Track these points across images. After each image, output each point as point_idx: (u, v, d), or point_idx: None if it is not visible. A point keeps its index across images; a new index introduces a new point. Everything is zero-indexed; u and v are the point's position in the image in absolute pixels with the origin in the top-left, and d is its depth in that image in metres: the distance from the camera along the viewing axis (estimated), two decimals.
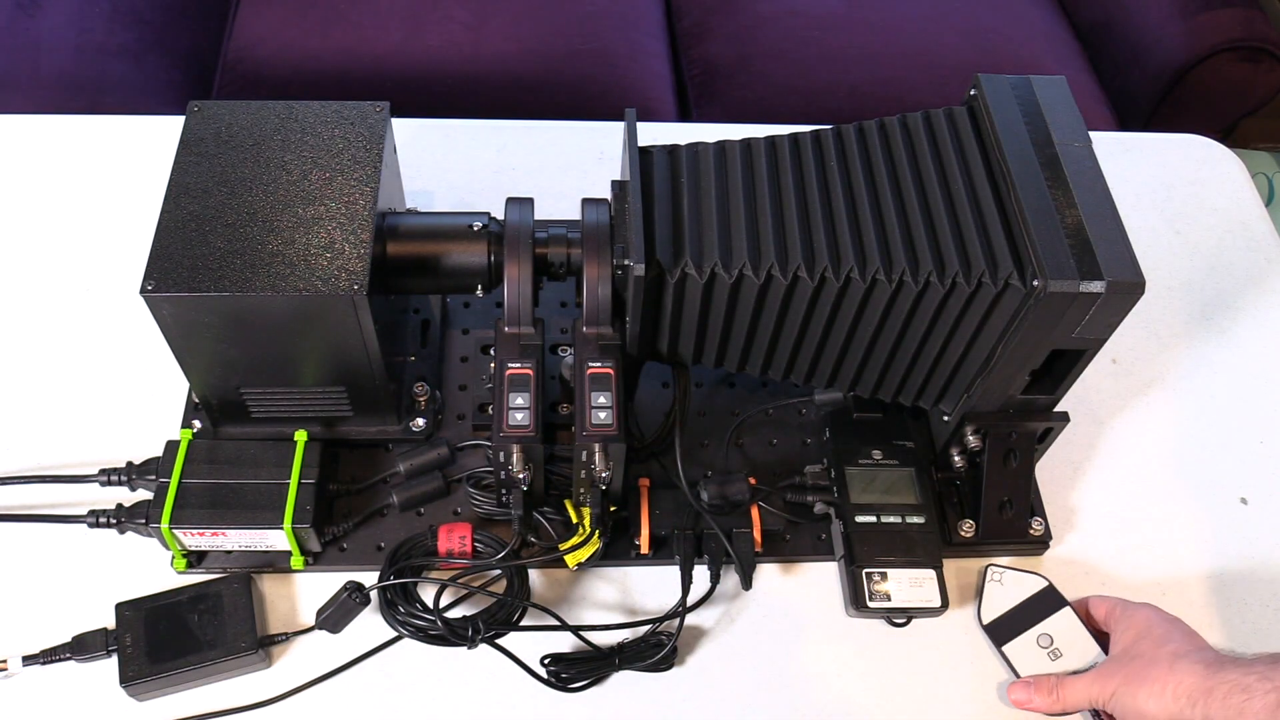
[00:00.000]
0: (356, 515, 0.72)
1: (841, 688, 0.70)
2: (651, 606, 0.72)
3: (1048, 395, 0.69)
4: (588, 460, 0.65)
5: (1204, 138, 1.04)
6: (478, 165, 0.95)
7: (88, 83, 1.29)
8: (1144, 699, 0.61)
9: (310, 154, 0.67)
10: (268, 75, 1.33)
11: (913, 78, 1.41)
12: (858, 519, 0.71)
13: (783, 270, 0.62)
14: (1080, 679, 0.66)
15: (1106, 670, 0.65)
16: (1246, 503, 0.80)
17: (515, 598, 0.67)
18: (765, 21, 1.45)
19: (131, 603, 0.66)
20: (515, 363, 0.66)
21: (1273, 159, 1.90)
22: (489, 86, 1.34)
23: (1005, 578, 0.72)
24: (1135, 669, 0.63)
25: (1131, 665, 0.63)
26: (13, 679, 0.66)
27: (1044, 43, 1.50)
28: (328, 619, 0.66)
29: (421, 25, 1.38)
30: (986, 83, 0.68)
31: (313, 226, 0.64)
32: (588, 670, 0.68)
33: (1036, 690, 0.67)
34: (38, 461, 0.75)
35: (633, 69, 1.39)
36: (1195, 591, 0.75)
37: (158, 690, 0.65)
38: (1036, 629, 0.70)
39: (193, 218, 0.64)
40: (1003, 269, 0.61)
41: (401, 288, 0.70)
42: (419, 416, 0.75)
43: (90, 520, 0.69)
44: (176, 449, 0.68)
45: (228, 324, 0.63)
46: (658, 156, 0.68)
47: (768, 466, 0.77)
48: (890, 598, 0.69)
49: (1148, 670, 0.62)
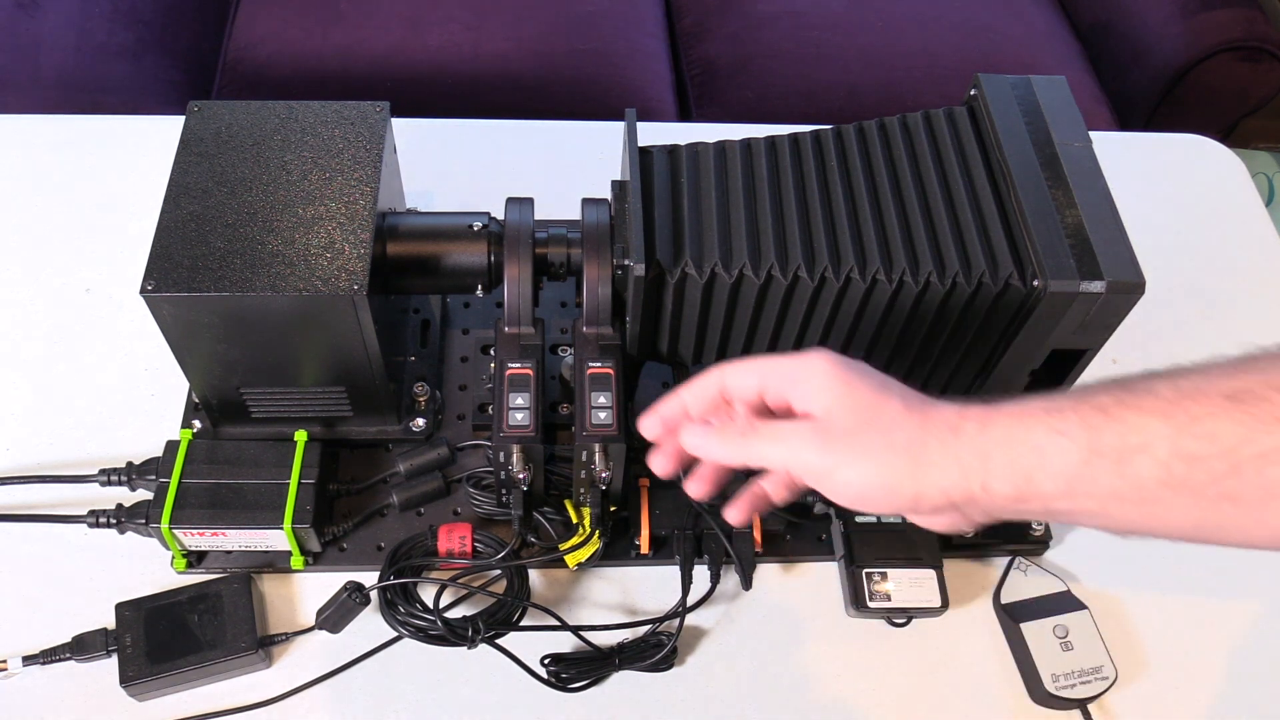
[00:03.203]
0: (356, 515, 0.72)
1: (841, 688, 0.70)
2: (651, 606, 0.72)
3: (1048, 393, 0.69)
4: (588, 460, 0.65)
5: (1204, 138, 1.04)
6: (478, 165, 0.95)
7: (88, 83, 1.29)
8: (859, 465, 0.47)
9: (310, 154, 0.67)
10: (268, 75, 1.33)
11: (913, 78, 1.41)
12: (858, 519, 0.71)
13: (783, 270, 0.62)
14: (783, 434, 0.49)
15: (817, 437, 0.48)
16: None
17: (515, 598, 0.67)
18: (765, 21, 1.45)
19: (131, 603, 0.66)
20: (515, 363, 0.66)
21: (1273, 159, 1.90)
22: (489, 86, 1.34)
23: (1030, 570, 0.73)
24: (844, 435, 0.48)
25: (840, 431, 0.48)
26: (13, 679, 0.66)
27: (1044, 43, 1.50)
28: (328, 619, 0.66)
29: (421, 25, 1.38)
30: (986, 83, 0.68)
31: (313, 226, 0.64)
32: (588, 670, 0.68)
33: (724, 431, 0.52)
34: (38, 461, 0.75)
35: (633, 69, 1.39)
36: (1195, 591, 0.75)
37: (158, 690, 0.65)
38: (1053, 619, 0.70)
39: (193, 218, 0.64)
40: (1003, 269, 0.61)
41: (401, 288, 0.70)
42: (419, 416, 0.75)
43: (90, 520, 0.69)
44: (176, 449, 0.68)
45: (228, 324, 0.63)
46: (658, 156, 0.68)
47: None
48: (890, 598, 0.69)
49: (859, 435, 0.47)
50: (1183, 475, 0.41)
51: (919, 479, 0.46)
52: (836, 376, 0.48)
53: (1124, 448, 0.42)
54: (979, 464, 0.44)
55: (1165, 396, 0.42)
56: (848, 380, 0.48)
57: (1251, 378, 0.41)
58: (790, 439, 0.48)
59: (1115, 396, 0.43)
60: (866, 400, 0.47)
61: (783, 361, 0.50)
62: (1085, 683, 0.68)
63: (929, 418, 0.46)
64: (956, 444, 0.45)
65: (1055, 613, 0.71)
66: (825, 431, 0.48)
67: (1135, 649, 0.72)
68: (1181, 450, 0.41)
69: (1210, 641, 0.73)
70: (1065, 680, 0.68)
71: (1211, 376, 0.42)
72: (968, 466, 0.45)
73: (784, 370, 0.50)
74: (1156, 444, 0.41)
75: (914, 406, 0.47)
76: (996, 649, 0.71)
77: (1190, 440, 0.41)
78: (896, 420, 0.47)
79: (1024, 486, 0.44)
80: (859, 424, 0.47)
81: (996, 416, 0.45)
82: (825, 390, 0.48)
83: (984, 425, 0.45)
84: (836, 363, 0.49)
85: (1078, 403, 0.43)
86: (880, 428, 0.47)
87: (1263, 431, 0.39)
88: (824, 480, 0.48)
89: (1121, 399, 0.42)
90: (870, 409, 0.47)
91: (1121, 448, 0.42)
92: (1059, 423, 0.43)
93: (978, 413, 0.46)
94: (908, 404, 0.47)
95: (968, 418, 0.46)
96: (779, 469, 0.51)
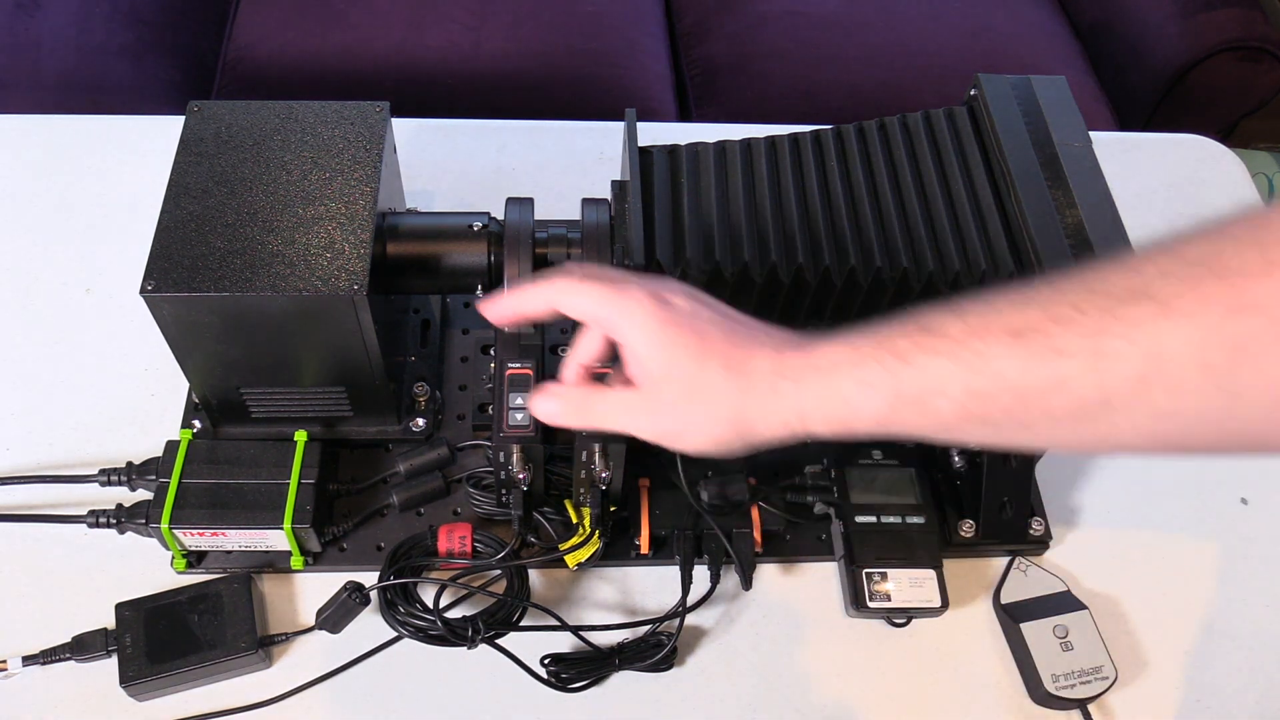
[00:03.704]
0: (356, 515, 0.72)
1: (841, 688, 0.70)
2: (651, 606, 0.72)
3: None
4: (588, 460, 0.65)
5: (1204, 138, 1.04)
6: (478, 165, 0.95)
7: (88, 83, 1.29)
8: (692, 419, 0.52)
9: (310, 154, 0.67)
10: (268, 75, 1.33)
11: (913, 78, 1.41)
12: (858, 519, 0.71)
13: (784, 270, 0.62)
14: (616, 401, 0.54)
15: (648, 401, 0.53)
16: (1246, 503, 0.80)
17: (515, 598, 0.67)
18: (765, 21, 1.45)
19: (131, 603, 0.66)
20: (515, 363, 0.66)
21: (1273, 159, 1.90)
22: (489, 86, 1.34)
23: (1030, 571, 0.73)
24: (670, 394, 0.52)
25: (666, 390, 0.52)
26: (13, 679, 0.66)
27: (1044, 43, 1.50)
28: (328, 619, 0.66)
29: (421, 25, 1.38)
30: (986, 83, 0.68)
31: (313, 226, 0.64)
32: (588, 670, 0.68)
33: (563, 400, 0.56)
34: (38, 461, 0.75)
35: (633, 69, 1.39)
36: (1195, 591, 0.75)
37: (158, 690, 0.65)
38: (1053, 619, 0.70)
39: (193, 218, 0.64)
40: (1003, 269, 0.61)
41: (401, 288, 0.70)
42: (419, 416, 0.75)
43: (90, 520, 0.69)
44: (176, 449, 0.68)
45: (228, 324, 0.63)
46: (658, 156, 0.68)
47: (768, 466, 0.77)
48: (890, 598, 0.69)
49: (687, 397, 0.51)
50: (978, 411, 0.45)
51: (748, 437, 0.51)
52: (656, 342, 0.52)
53: (922, 391, 0.46)
54: (798, 418, 0.49)
55: (955, 336, 0.45)
56: (667, 346, 0.51)
57: (1033, 311, 0.43)
58: (624, 416, 0.54)
59: (912, 340, 0.46)
60: (688, 371, 0.51)
61: (605, 305, 0.53)
62: (1085, 683, 0.68)
63: (749, 381, 0.50)
64: (776, 403, 0.50)
65: (1055, 613, 0.71)
66: (654, 407, 0.53)
67: (1135, 649, 0.72)
68: (972, 389, 0.44)
69: (1210, 641, 0.73)
70: (1065, 680, 0.68)
71: (999, 310, 0.45)
72: (789, 421, 0.50)
73: (606, 318, 0.53)
74: (950, 385, 0.45)
75: (734, 367, 0.51)
76: (996, 649, 0.71)
77: (979, 379, 0.44)
78: (718, 390, 0.51)
79: (841, 428, 0.49)
80: (683, 396, 0.52)
81: (809, 372, 0.49)
82: (649, 357, 0.52)
83: (799, 382, 0.49)
84: (655, 321, 0.52)
85: (879, 347, 0.47)
86: (703, 399, 0.51)
87: (1043, 364, 0.42)
88: (662, 443, 0.54)
89: (918, 342, 0.46)
90: (692, 380, 0.51)
91: (920, 391, 0.46)
92: (864, 374, 0.47)
93: (794, 365, 0.49)
94: (728, 365, 0.51)
95: (784, 374, 0.49)
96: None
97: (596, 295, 0.53)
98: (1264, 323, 0.39)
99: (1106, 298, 0.42)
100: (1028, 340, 0.43)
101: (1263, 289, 0.39)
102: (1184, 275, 0.41)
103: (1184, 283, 0.41)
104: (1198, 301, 0.40)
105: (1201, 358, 0.40)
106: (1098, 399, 0.42)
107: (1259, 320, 0.39)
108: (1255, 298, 0.39)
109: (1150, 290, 0.41)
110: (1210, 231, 0.42)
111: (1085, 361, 0.42)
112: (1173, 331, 0.40)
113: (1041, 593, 0.72)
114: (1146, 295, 0.41)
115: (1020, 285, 0.45)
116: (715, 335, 0.51)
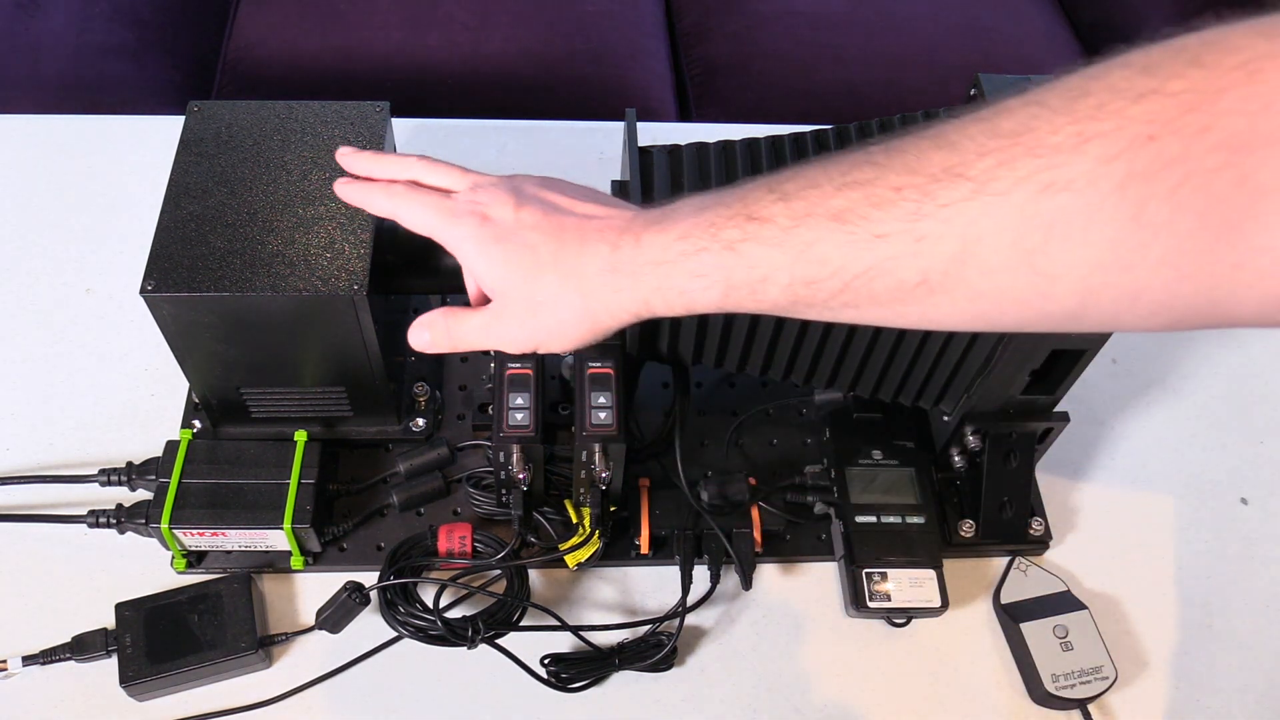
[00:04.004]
0: (356, 515, 0.72)
1: (841, 688, 0.70)
2: (651, 606, 0.72)
3: (1048, 395, 0.69)
4: (588, 460, 0.65)
5: None
6: (478, 165, 0.94)
7: (88, 83, 1.29)
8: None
9: (310, 154, 0.67)
10: (268, 75, 1.33)
11: (913, 78, 1.41)
12: (858, 519, 0.71)
13: None
14: (476, 322, 0.58)
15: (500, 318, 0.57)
16: (1246, 503, 0.80)
17: (515, 598, 0.67)
18: (765, 21, 1.45)
19: (131, 603, 0.66)
20: (515, 363, 0.66)
21: None
22: (489, 86, 1.34)
23: (1030, 571, 0.73)
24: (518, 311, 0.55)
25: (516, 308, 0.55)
26: (13, 679, 0.66)
27: (1044, 43, 1.50)
28: (328, 619, 0.66)
29: (421, 25, 1.38)
30: (987, 83, 0.68)
31: (313, 226, 0.64)
32: (588, 670, 0.68)
33: (432, 329, 0.60)
34: (38, 461, 0.75)
35: (633, 69, 1.39)
36: (1195, 591, 0.75)
37: (158, 690, 0.65)
38: (1053, 619, 0.70)
39: (193, 218, 0.64)
40: None
41: (401, 288, 0.70)
42: (419, 416, 0.75)
43: (90, 520, 0.69)
44: (176, 449, 0.68)
45: (228, 324, 0.63)
46: (658, 156, 0.68)
47: (768, 466, 0.77)
48: (890, 598, 0.69)
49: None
50: (806, 295, 0.47)
51: (600, 330, 0.54)
52: (487, 262, 0.54)
53: (753, 280, 0.48)
54: (642, 306, 0.52)
55: (782, 225, 0.46)
56: (499, 264, 0.54)
57: (854, 193, 0.44)
58: (483, 335, 0.57)
59: (742, 229, 0.47)
60: (525, 287, 0.54)
61: (437, 225, 0.56)
62: (1085, 683, 0.68)
63: (587, 284, 0.52)
64: (617, 298, 0.52)
65: (1055, 613, 0.71)
66: (506, 323, 0.56)
67: (1135, 649, 0.72)
68: (799, 276, 0.46)
69: (1210, 641, 0.73)
70: (1065, 680, 0.68)
71: (824, 191, 0.45)
72: (634, 310, 0.52)
73: (442, 239, 0.56)
74: (778, 273, 0.47)
75: (568, 274, 0.52)
76: (996, 649, 0.72)
77: (805, 266, 0.46)
78: (558, 299, 0.53)
79: (683, 311, 0.51)
80: (528, 311, 0.55)
81: (644, 267, 0.51)
82: (485, 276, 0.55)
83: (635, 277, 0.51)
84: (482, 242, 0.54)
85: (711, 236, 0.48)
86: (547, 310, 0.54)
87: (864, 249, 0.44)
88: (528, 351, 0.57)
89: (746, 231, 0.47)
90: (531, 295, 0.54)
91: (750, 280, 0.48)
92: (696, 266, 0.49)
93: (628, 261, 0.51)
94: (561, 274, 0.53)
95: (620, 271, 0.51)
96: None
97: (430, 213, 0.56)
98: (1075, 200, 0.38)
99: (925, 177, 0.42)
100: (850, 224, 0.44)
101: (1074, 165, 0.38)
102: (998, 151, 0.40)
103: (998, 160, 0.40)
104: (1011, 181, 0.40)
105: (1014, 239, 0.40)
106: (917, 281, 0.43)
107: (1069, 198, 0.38)
108: (1067, 174, 0.38)
109: (966, 169, 0.41)
110: (1030, 98, 0.41)
111: (904, 245, 0.43)
112: (985, 213, 0.40)
113: (1041, 593, 0.72)
114: (962, 175, 0.41)
115: (847, 153, 0.46)
116: (544, 244, 0.53)
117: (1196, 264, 0.37)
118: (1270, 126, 0.34)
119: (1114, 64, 0.39)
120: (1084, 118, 0.38)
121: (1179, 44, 0.38)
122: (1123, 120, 0.37)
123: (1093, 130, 0.38)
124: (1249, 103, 0.35)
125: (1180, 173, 0.36)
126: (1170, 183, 0.36)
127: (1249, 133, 0.35)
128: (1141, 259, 0.38)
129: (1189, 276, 0.38)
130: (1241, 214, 0.36)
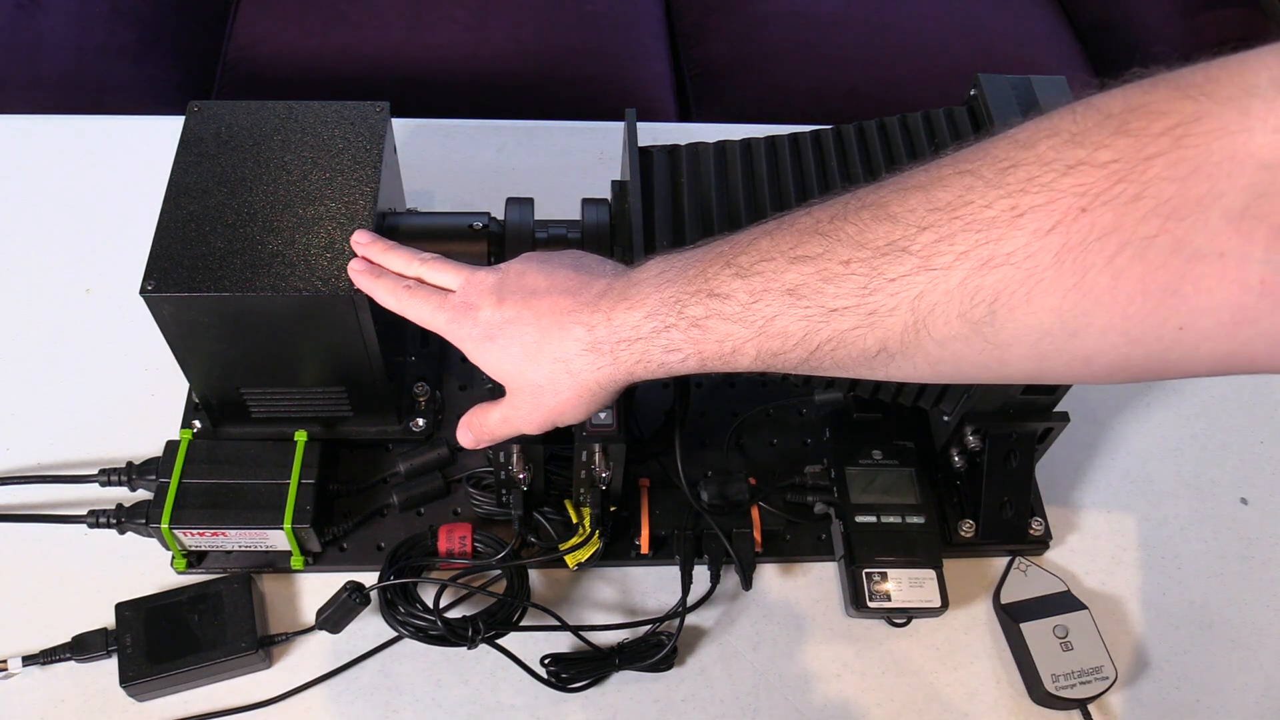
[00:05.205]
0: (356, 515, 0.72)
1: (841, 688, 0.70)
2: (651, 606, 0.72)
3: (1048, 395, 0.69)
4: (588, 460, 0.65)
5: None
6: (478, 165, 0.95)
7: (88, 83, 1.29)
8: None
9: (310, 154, 0.67)
10: (268, 75, 1.33)
11: (913, 78, 1.41)
12: (858, 519, 0.71)
13: None
14: (498, 415, 0.60)
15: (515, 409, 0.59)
16: (1246, 503, 0.80)
17: (515, 598, 0.67)
18: (765, 21, 1.45)
19: (131, 603, 0.66)
20: None
21: None
22: (489, 86, 1.34)
23: (1030, 570, 0.73)
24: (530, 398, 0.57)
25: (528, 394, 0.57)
26: (13, 679, 0.66)
27: (1044, 43, 1.50)
28: (328, 619, 0.66)
29: (421, 25, 1.38)
30: (986, 82, 0.68)
31: (313, 226, 0.64)
32: (588, 670, 0.68)
33: (471, 430, 0.62)
34: (38, 461, 0.75)
35: (633, 69, 1.39)
36: (1195, 591, 0.75)
37: (158, 690, 0.65)
38: (1053, 619, 0.70)
39: (193, 218, 0.64)
40: None
41: None
42: (419, 416, 0.75)
43: (90, 520, 0.69)
44: (176, 449, 0.68)
45: (228, 324, 0.63)
46: (658, 156, 0.68)
47: (768, 466, 0.77)
48: (890, 598, 0.69)
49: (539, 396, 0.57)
50: (775, 363, 0.49)
51: (604, 398, 0.56)
52: (483, 360, 0.57)
53: (723, 352, 0.50)
54: (629, 376, 0.53)
55: (741, 300, 0.48)
56: (494, 360, 0.57)
57: (806, 269, 0.46)
58: (506, 425, 0.59)
59: (705, 306, 0.49)
60: (521, 378, 0.56)
61: (433, 324, 0.59)
62: (1085, 683, 0.68)
63: (573, 367, 0.54)
64: (605, 373, 0.53)
65: (1055, 613, 0.71)
66: (519, 410, 0.58)
67: (1135, 649, 0.72)
68: (765, 349, 0.48)
69: (1210, 641, 0.73)
70: (1065, 680, 0.68)
71: (777, 265, 0.47)
72: (623, 380, 0.54)
73: (448, 337, 0.59)
74: (746, 346, 0.49)
75: (556, 361, 0.54)
76: (996, 649, 0.72)
77: (769, 340, 0.48)
78: (553, 383, 0.55)
79: (667, 376, 0.53)
80: (532, 396, 0.56)
81: (620, 345, 0.52)
82: (487, 369, 0.57)
83: (615, 355, 0.53)
84: (471, 342, 0.57)
85: (679, 316, 0.50)
86: (548, 393, 0.56)
87: (822, 323, 0.45)
88: (549, 428, 0.59)
89: (709, 308, 0.49)
90: (528, 383, 0.56)
91: (721, 353, 0.50)
92: (669, 342, 0.51)
93: (605, 341, 0.53)
94: (549, 361, 0.55)
95: (600, 352, 0.53)
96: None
97: (430, 314, 0.59)
98: (1015, 273, 0.39)
99: (871, 251, 0.43)
100: (805, 300, 0.46)
101: (1011, 240, 0.39)
102: (937, 226, 0.41)
103: (938, 235, 0.41)
104: (952, 256, 0.41)
105: (961, 311, 0.41)
106: (877, 349, 0.45)
107: (1010, 271, 0.39)
108: (1005, 249, 0.39)
109: (909, 244, 0.42)
110: (963, 165, 0.42)
111: (859, 318, 0.44)
112: (932, 287, 0.42)
113: (1041, 593, 0.72)
114: (906, 250, 0.42)
115: (796, 218, 0.47)
116: (528, 334, 0.55)
117: (1142, 328, 0.38)
118: (1200, 191, 0.35)
119: (1042, 130, 0.39)
120: (1016, 191, 0.39)
121: (1104, 108, 0.38)
122: (1054, 194, 0.38)
123: (1025, 204, 0.38)
124: (1177, 168, 0.35)
125: (1115, 242, 0.37)
126: (1107, 252, 0.37)
127: (1180, 199, 0.35)
128: (1087, 326, 0.39)
129: (1137, 340, 0.38)
130: (1179, 278, 0.36)
